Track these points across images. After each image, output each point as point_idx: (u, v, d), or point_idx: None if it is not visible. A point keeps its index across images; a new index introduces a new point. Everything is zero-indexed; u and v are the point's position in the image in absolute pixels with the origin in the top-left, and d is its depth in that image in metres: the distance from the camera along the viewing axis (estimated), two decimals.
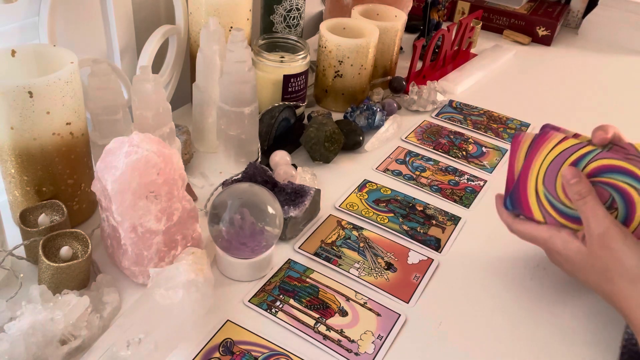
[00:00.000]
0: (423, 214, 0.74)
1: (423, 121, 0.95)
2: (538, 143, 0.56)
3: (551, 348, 0.57)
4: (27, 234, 0.58)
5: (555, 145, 0.55)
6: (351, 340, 0.56)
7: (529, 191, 0.55)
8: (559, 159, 0.55)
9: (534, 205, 0.55)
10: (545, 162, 0.55)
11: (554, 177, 0.54)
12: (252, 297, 0.60)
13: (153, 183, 0.54)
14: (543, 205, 0.54)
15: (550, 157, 0.55)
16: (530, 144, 0.57)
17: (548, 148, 0.55)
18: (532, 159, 0.56)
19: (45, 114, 0.56)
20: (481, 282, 0.64)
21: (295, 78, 0.84)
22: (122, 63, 0.81)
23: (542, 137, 0.56)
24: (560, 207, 0.54)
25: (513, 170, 0.58)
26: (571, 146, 0.54)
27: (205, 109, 0.77)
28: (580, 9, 1.39)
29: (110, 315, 0.55)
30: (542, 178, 0.55)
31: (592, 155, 0.54)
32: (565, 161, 0.55)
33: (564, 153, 0.55)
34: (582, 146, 0.54)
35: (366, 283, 0.62)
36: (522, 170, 0.56)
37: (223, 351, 0.54)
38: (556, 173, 0.54)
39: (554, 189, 0.54)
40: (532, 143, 0.57)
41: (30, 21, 0.68)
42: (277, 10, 0.94)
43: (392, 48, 0.99)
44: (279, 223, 0.60)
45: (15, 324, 0.49)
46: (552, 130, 0.56)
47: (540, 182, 0.55)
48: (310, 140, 0.79)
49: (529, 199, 0.55)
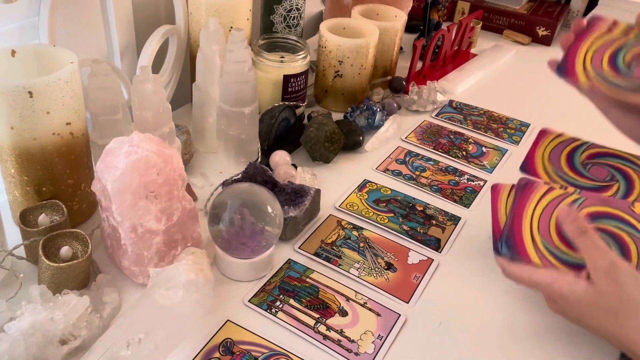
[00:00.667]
0: (423, 214, 0.74)
1: (423, 121, 0.95)
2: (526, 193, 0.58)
3: (551, 348, 0.57)
4: (27, 234, 0.58)
5: (542, 195, 0.57)
6: (351, 340, 0.56)
7: (525, 238, 0.56)
8: (549, 209, 0.56)
9: (532, 251, 0.55)
10: (536, 212, 0.57)
11: (547, 226, 0.56)
12: (252, 297, 0.60)
13: (153, 183, 0.54)
14: (541, 252, 0.55)
15: (540, 207, 0.57)
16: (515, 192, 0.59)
17: (536, 199, 0.57)
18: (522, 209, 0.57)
19: (45, 114, 0.56)
20: (481, 282, 0.64)
21: (295, 78, 0.84)
22: (122, 63, 0.81)
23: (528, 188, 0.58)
24: (558, 254, 0.54)
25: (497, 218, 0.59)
26: (557, 196, 0.57)
27: (205, 109, 0.77)
28: (580, 9, 1.39)
29: (110, 315, 0.55)
30: (537, 227, 0.56)
31: (579, 203, 0.56)
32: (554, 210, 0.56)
33: (552, 203, 0.56)
34: (567, 196, 0.56)
35: (366, 283, 0.62)
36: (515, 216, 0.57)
37: (223, 351, 0.54)
38: (548, 222, 0.56)
39: (549, 237, 0.55)
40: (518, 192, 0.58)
41: (30, 21, 0.68)
42: (277, 10, 0.94)
43: (392, 48, 0.99)
44: (279, 223, 0.60)
45: (15, 324, 0.49)
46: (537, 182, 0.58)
47: (535, 230, 0.56)
48: (310, 140, 0.79)
49: (526, 245, 0.56)
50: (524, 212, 0.57)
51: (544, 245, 0.55)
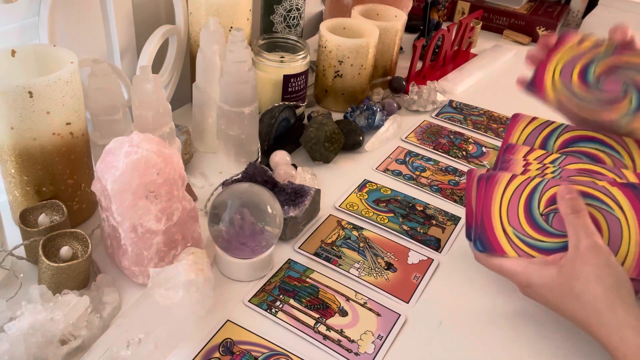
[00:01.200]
0: (423, 214, 0.74)
1: (423, 121, 0.95)
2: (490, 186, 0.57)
3: (551, 347, 0.57)
4: (27, 234, 0.58)
5: (506, 185, 0.57)
6: (351, 340, 0.56)
7: (497, 232, 0.57)
8: (515, 197, 0.56)
9: (505, 244, 0.56)
10: (503, 203, 0.57)
11: (515, 215, 0.56)
12: (252, 297, 0.60)
13: (153, 183, 0.54)
14: (514, 242, 0.55)
15: (506, 197, 0.56)
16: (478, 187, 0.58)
17: (500, 190, 0.57)
18: (489, 202, 0.57)
19: (45, 114, 0.56)
20: (481, 282, 0.64)
21: (295, 78, 0.84)
22: (122, 63, 0.81)
23: (491, 180, 0.57)
24: (530, 242, 0.55)
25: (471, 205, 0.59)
26: (521, 183, 0.56)
27: (205, 109, 0.77)
28: (580, 9, 1.39)
29: (110, 315, 0.55)
30: (507, 218, 0.56)
31: (542, 185, 0.56)
32: (520, 197, 0.56)
33: (517, 191, 0.56)
34: (529, 180, 0.56)
35: (366, 283, 0.62)
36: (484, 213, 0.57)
37: (223, 351, 0.54)
38: (516, 210, 0.56)
39: (519, 225, 0.56)
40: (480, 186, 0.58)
41: (30, 21, 0.68)
42: (277, 10, 0.94)
43: (392, 48, 0.99)
44: (279, 223, 0.60)
45: (15, 324, 0.49)
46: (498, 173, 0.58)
47: (505, 222, 0.56)
48: (310, 140, 0.79)
49: (499, 240, 0.56)
50: (492, 206, 0.57)
51: (515, 235, 0.55)
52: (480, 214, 0.57)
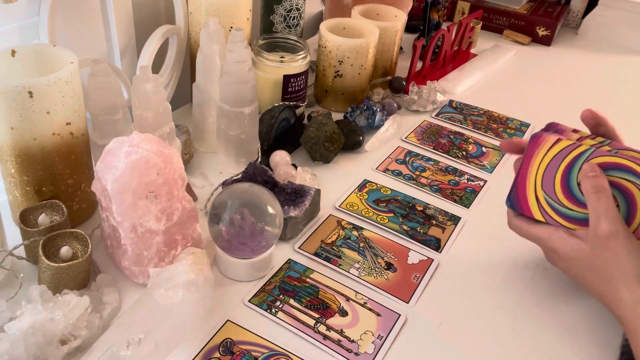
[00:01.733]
0: (423, 214, 0.74)
1: (423, 121, 0.95)
2: (532, 147, 0.56)
3: (551, 348, 0.57)
4: (27, 234, 0.58)
5: (549, 148, 0.55)
6: (351, 340, 0.56)
7: (528, 195, 0.56)
8: (555, 162, 0.55)
9: (535, 208, 0.56)
10: (541, 166, 0.56)
11: (552, 181, 0.55)
12: (252, 297, 0.60)
13: (153, 183, 0.54)
14: (544, 208, 0.55)
15: (545, 161, 0.55)
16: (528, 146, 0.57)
17: (543, 152, 0.56)
18: (528, 163, 0.56)
19: (45, 114, 0.56)
20: (481, 282, 0.64)
21: (295, 78, 0.84)
22: (122, 63, 0.81)
23: (535, 142, 0.56)
24: (561, 209, 0.55)
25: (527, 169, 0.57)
26: (565, 147, 0.54)
27: (205, 109, 0.77)
28: (580, 9, 1.39)
29: (110, 315, 0.55)
30: (541, 182, 0.55)
31: (587, 154, 0.54)
32: (561, 163, 0.55)
33: (559, 155, 0.55)
34: (575, 146, 0.54)
35: (366, 283, 0.62)
36: (520, 174, 0.57)
37: (223, 351, 0.54)
38: (553, 176, 0.55)
39: (553, 192, 0.55)
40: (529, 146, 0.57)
41: (30, 21, 0.68)
42: (277, 10, 0.94)
43: (392, 48, 0.99)
44: (279, 223, 0.60)
45: (15, 324, 0.49)
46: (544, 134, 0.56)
47: (539, 186, 0.55)
48: (310, 140, 0.79)
49: (529, 202, 0.56)
50: (529, 167, 0.56)
51: (547, 201, 0.55)
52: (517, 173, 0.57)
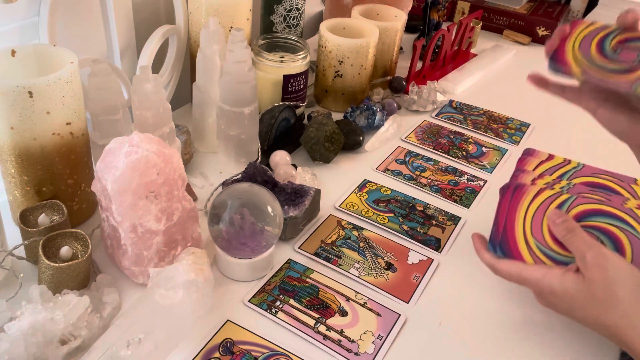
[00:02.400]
0: (423, 214, 0.74)
1: (423, 121, 0.95)
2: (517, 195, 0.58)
3: (551, 348, 0.57)
4: (27, 234, 0.58)
5: (532, 198, 0.57)
6: (351, 340, 0.56)
7: (518, 241, 0.57)
8: (541, 210, 0.56)
9: (526, 254, 0.56)
10: (528, 214, 0.57)
11: (539, 228, 0.56)
12: (252, 297, 0.60)
13: (153, 183, 0.54)
14: (536, 255, 0.56)
15: (531, 209, 0.57)
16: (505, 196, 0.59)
17: (527, 201, 0.57)
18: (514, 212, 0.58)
19: (45, 114, 0.56)
20: (481, 282, 0.64)
21: (295, 78, 0.84)
22: (122, 63, 0.81)
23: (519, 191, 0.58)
24: (552, 254, 0.55)
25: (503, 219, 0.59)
26: (548, 197, 0.56)
27: (205, 109, 0.77)
28: (580, 9, 1.39)
29: (110, 315, 0.55)
30: (530, 230, 0.57)
31: (570, 202, 0.56)
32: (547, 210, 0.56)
33: (543, 205, 0.56)
34: (557, 196, 0.56)
35: (366, 283, 0.62)
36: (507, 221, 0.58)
37: (223, 351, 0.54)
38: (541, 223, 0.56)
39: (543, 238, 0.56)
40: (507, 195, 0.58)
41: (30, 21, 0.68)
42: (277, 10, 0.94)
43: (392, 48, 0.99)
44: (279, 223, 0.60)
45: (15, 324, 0.49)
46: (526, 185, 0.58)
47: (529, 234, 0.57)
48: (310, 140, 0.79)
49: (520, 249, 0.57)
50: (516, 215, 0.57)
51: (537, 247, 0.56)
52: (504, 221, 0.58)
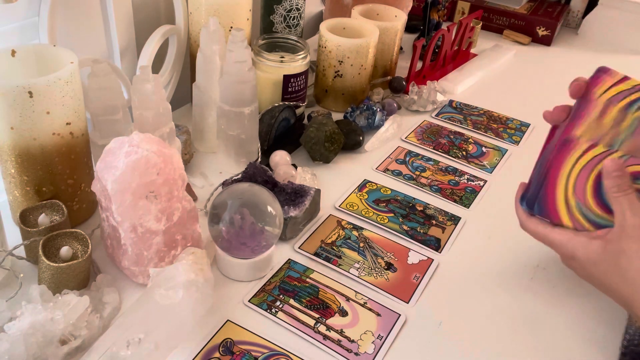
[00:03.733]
0: (423, 214, 0.74)
1: (423, 121, 0.95)
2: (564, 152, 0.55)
3: (551, 348, 0.57)
4: (27, 234, 0.58)
5: (581, 154, 0.54)
6: (351, 340, 0.56)
7: (558, 200, 0.55)
8: (587, 169, 0.54)
9: (564, 213, 0.54)
10: (573, 172, 0.54)
11: (583, 188, 0.54)
12: (252, 297, 0.60)
13: (153, 183, 0.54)
14: (573, 215, 0.54)
15: (577, 167, 0.54)
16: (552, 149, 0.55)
17: (574, 158, 0.54)
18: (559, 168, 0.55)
19: (45, 114, 0.56)
20: (481, 282, 0.64)
21: (295, 78, 0.84)
22: (122, 63, 0.81)
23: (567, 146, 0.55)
24: (592, 217, 0.53)
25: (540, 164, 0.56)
26: (598, 154, 0.54)
27: (205, 109, 0.77)
28: (580, 9, 1.39)
29: (110, 315, 0.55)
30: (573, 189, 0.54)
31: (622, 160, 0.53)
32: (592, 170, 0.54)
33: (591, 162, 0.54)
34: (608, 153, 0.53)
35: (366, 283, 0.62)
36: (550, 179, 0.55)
37: (223, 351, 0.54)
38: (585, 183, 0.54)
39: (585, 199, 0.54)
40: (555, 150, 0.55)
41: (30, 21, 0.68)
42: (277, 10, 0.94)
43: (392, 48, 0.99)
44: (279, 223, 0.60)
45: (15, 324, 0.49)
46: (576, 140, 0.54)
47: (571, 193, 0.54)
48: (310, 140, 0.79)
49: (559, 207, 0.54)
50: (560, 172, 0.54)
51: (578, 208, 0.54)
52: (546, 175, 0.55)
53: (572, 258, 0.55)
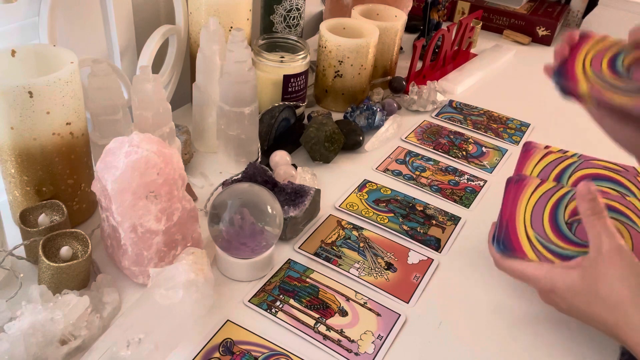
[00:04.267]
0: (423, 214, 0.74)
1: (423, 121, 0.95)
2: (518, 189, 0.58)
3: (551, 348, 0.57)
4: (27, 234, 0.58)
5: (533, 190, 0.57)
6: (351, 340, 0.56)
7: (519, 235, 0.57)
8: (541, 202, 0.57)
9: (527, 247, 0.56)
10: (528, 207, 0.57)
11: (540, 220, 0.56)
12: (252, 297, 0.60)
13: (153, 183, 0.54)
14: (536, 248, 0.56)
15: (532, 202, 0.57)
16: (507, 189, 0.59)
17: (528, 194, 0.57)
18: (515, 204, 0.58)
19: (45, 114, 0.56)
20: (481, 282, 0.64)
21: (295, 78, 0.84)
22: (122, 63, 0.81)
23: (520, 184, 0.58)
24: (553, 248, 0.55)
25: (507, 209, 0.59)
26: (548, 189, 0.57)
27: (205, 109, 0.77)
28: (580, 9, 1.39)
29: (110, 315, 0.55)
30: (530, 222, 0.57)
31: (570, 195, 0.57)
32: (547, 204, 0.57)
33: (544, 196, 0.57)
34: (558, 188, 0.57)
35: (366, 283, 0.62)
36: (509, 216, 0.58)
37: (223, 351, 0.54)
38: (541, 216, 0.56)
39: (543, 231, 0.56)
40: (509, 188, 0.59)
41: (30, 21, 0.68)
42: (277, 10, 0.94)
43: (392, 48, 0.99)
44: (279, 223, 0.60)
45: (15, 324, 0.49)
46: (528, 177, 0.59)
47: (529, 226, 0.57)
48: (310, 140, 0.79)
49: (521, 242, 0.57)
50: (517, 208, 0.57)
51: (537, 240, 0.56)
52: (507, 215, 0.58)
53: (552, 291, 0.54)
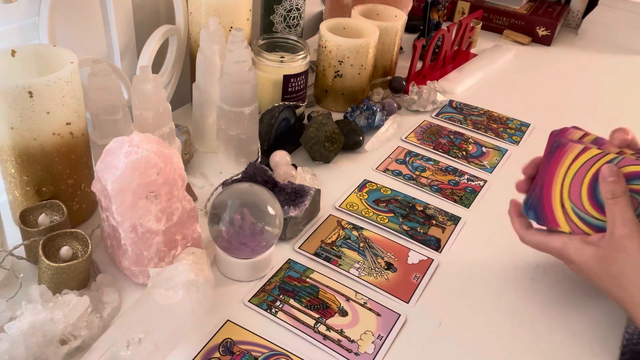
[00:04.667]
0: (423, 214, 0.74)
1: (423, 121, 0.95)
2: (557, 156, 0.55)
3: (551, 348, 0.57)
4: (27, 234, 0.58)
5: (575, 157, 0.54)
6: (351, 340, 0.56)
7: (554, 205, 0.55)
8: (582, 171, 0.54)
9: (561, 218, 0.55)
10: (568, 175, 0.54)
11: (578, 190, 0.54)
12: (252, 297, 0.60)
13: (153, 183, 0.54)
14: (571, 218, 0.54)
15: (572, 170, 0.54)
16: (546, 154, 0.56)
17: (568, 162, 0.54)
18: (553, 173, 0.55)
19: (45, 114, 0.56)
20: (481, 282, 0.64)
21: (295, 78, 0.84)
22: (122, 63, 0.81)
23: (560, 150, 0.55)
24: (588, 219, 0.54)
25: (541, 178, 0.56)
26: (591, 157, 0.53)
27: (205, 109, 0.77)
28: (580, 9, 1.39)
29: (110, 315, 0.55)
30: (568, 193, 0.54)
31: (616, 162, 0.53)
32: (587, 172, 0.54)
33: (585, 165, 0.54)
34: (602, 155, 0.53)
35: (366, 283, 0.62)
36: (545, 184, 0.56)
37: (223, 351, 0.54)
38: (580, 186, 0.54)
39: (580, 202, 0.54)
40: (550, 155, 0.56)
41: (30, 21, 0.68)
42: (277, 10, 0.94)
43: (392, 48, 0.99)
44: (279, 223, 0.60)
45: (15, 324, 0.49)
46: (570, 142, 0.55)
47: (566, 196, 0.54)
48: (310, 140, 0.79)
49: (555, 213, 0.55)
50: (555, 176, 0.55)
51: (574, 211, 0.54)
52: (542, 182, 0.56)
53: (570, 262, 0.57)
